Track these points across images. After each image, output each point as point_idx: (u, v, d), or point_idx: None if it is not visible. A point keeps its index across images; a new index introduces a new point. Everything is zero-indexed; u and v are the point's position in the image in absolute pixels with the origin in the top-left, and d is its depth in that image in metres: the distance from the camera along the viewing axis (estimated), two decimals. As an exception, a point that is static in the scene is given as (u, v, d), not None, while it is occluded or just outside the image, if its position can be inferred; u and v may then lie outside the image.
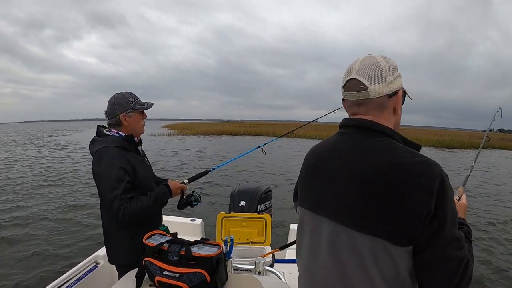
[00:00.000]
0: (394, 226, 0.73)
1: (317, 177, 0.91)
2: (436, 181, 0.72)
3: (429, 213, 0.71)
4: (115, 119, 1.65)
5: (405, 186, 0.73)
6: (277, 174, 10.58)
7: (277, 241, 2.61)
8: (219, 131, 33.73)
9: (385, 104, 0.86)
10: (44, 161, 13.44)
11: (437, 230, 0.72)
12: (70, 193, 7.80)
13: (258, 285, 1.25)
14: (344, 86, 0.89)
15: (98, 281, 2.17)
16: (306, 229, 0.94)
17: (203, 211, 6.17)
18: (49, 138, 29.92)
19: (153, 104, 1.72)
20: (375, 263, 0.76)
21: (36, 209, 6.42)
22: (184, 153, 16.66)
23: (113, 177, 1.51)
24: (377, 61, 0.85)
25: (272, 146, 18.12)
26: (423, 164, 0.75)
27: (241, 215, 2.47)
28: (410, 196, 0.72)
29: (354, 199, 0.79)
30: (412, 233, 0.72)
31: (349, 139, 0.87)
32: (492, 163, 15.71)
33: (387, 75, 0.84)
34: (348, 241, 0.79)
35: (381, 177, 0.75)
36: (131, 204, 1.51)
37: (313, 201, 0.92)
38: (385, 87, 0.84)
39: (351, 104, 0.89)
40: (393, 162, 0.76)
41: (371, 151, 0.81)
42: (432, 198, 0.71)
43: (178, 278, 1.16)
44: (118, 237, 1.65)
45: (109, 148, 1.57)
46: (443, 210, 0.72)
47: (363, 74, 0.84)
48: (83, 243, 4.72)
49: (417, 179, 0.72)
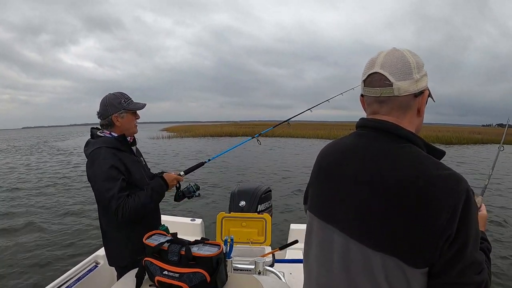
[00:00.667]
0: (412, 245, 0.67)
1: (330, 181, 0.83)
2: (461, 199, 0.65)
3: (451, 234, 0.65)
4: (107, 120, 1.64)
5: (428, 202, 0.66)
6: (277, 174, 10.57)
7: (277, 241, 2.61)
8: (218, 133, 33.75)
9: (410, 104, 0.77)
10: (43, 166, 13.45)
11: (457, 253, 0.66)
12: (70, 194, 7.79)
13: (258, 285, 1.25)
14: (365, 81, 0.79)
15: (98, 281, 2.17)
16: (315, 239, 0.87)
17: (203, 211, 6.17)
18: (49, 143, 29.95)
19: (145, 105, 1.70)
20: (388, 282, 0.70)
21: (36, 209, 6.43)
22: (184, 154, 16.65)
23: (107, 177, 1.50)
24: (404, 56, 0.76)
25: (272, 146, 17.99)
26: (450, 178, 0.67)
27: (241, 215, 2.47)
28: (433, 213, 0.65)
29: (370, 212, 0.71)
30: (430, 255, 0.66)
31: (367, 143, 0.78)
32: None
33: (414, 72, 0.75)
34: (361, 257, 0.73)
35: (404, 191, 0.68)
36: (129, 201, 1.50)
37: (324, 208, 0.84)
38: (412, 85, 0.74)
39: (371, 101, 0.80)
40: (418, 175, 0.68)
41: (394, 159, 0.72)
42: (455, 218, 0.65)
43: (178, 278, 1.16)
44: (116, 239, 1.65)
45: (101, 149, 1.56)
46: (466, 232, 0.66)
47: (388, 69, 0.75)
48: (83, 243, 4.72)
49: (442, 195, 0.66)
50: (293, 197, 7.48)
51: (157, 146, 21.04)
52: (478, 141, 26.31)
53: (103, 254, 2.30)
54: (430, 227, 0.65)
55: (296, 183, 9.09)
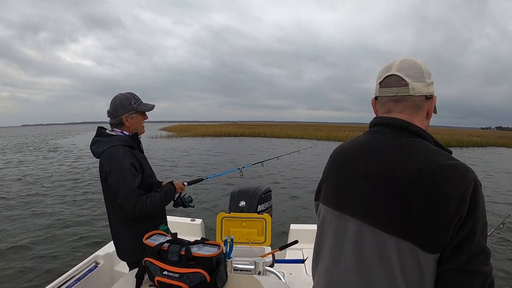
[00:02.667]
0: (424, 230, 0.70)
1: (346, 176, 0.88)
2: (470, 187, 0.70)
3: (460, 220, 0.69)
4: (117, 119, 1.70)
5: (439, 190, 0.70)
6: (277, 174, 10.58)
7: (277, 241, 2.61)
8: (217, 133, 33.77)
9: (422, 105, 0.85)
10: (44, 164, 13.43)
11: (465, 239, 0.69)
12: (70, 194, 7.79)
13: (258, 285, 1.25)
14: (381, 82, 0.87)
15: (98, 281, 2.17)
16: (329, 229, 0.90)
17: (203, 211, 6.17)
18: (49, 141, 29.86)
19: (154, 106, 1.78)
20: (401, 267, 0.72)
21: (36, 209, 6.42)
22: (185, 155, 16.65)
23: (129, 174, 1.57)
24: (417, 63, 0.85)
25: (272, 146, 17.92)
26: (459, 167, 0.72)
27: (241, 215, 2.47)
28: (443, 201, 0.70)
29: (386, 199, 0.76)
30: (441, 240, 0.70)
31: (382, 138, 0.84)
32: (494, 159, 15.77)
33: (426, 77, 0.84)
34: (374, 242, 0.76)
35: (417, 180, 0.73)
36: (146, 199, 1.60)
37: (339, 200, 0.88)
38: (424, 88, 0.83)
39: (387, 101, 0.87)
40: (429, 165, 0.73)
41: (407, 152, 0.78)
42: (465, 204, 0.69)
43: (178, 278, 1.15)
44: (128, 234, 1.69)
45: (119, 147, 1.62)
46: (473, 219, 0.69)
47: (405, 72, 0.83)
48: (83, 243, 4.72)
49: (452, 183, 0.70)
50: (293, 197, 7.49)
51: (159, 146, 21.04)
52: (477, 144, 26.42)
53: (103, 254, 2.31)
54: (440, 213, 0.69)
55: (296, 183, 9.10)
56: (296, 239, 1.93)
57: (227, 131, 35.18)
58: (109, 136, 1.70)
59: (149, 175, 1.73)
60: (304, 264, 2.15)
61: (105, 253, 2.31)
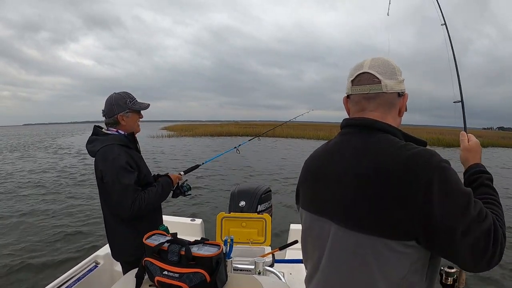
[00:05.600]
0: (399, 223, 0.70)
1: (321, 180, 0.88)
2: (436, 169, 0.70)
3: (430, 202, 0.68)
4: (113, 119, 1.69)
5: (407, 179, 0.70)
6: (277, 174, 10.57)
7: (277, 241, 2.61)
8: (218, 132, 33.72)
9: (395, 102, 0.86)
10: (44, 163, 13.44)
11: (443, 218, 0.68)
12: (69, 194, 7.79)
13: (258, 285, 1.25)
14: (353, 80, 0.87)
15: (98, 281, 2.17)
16: (310, 233, 0.91)
17: (203, 211, 6.17)
18: (53, 140, 29.89)
19: (149, 105, 1.78)
20: (379, 266, 0.73)
21: (35, 209, 6.42)
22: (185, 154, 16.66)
23: (124, 172, 1.56)
24: (388, 61, 0.87)
25: (271, 146, 17.89)
26: (422, 154, 0.72)
27: (241, 215, 2.47)
28: (411, 191, 0.69)
29: (355, 199, 0.77)
30: (414, 229, 0.69)
31: (351, 139, 0.85)
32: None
33: (398, 74, 0.86)
34: (350, 243, 0.77)
35: (382, 177, 0.73)
36: (144, 195, 1.59)
37: (316, 203, 0.89)
38: (397, 85, 0.84)
39: (359, 99, 0.87)
40: (392, 159, 0.74)
41: (374, 150, 0.79)
42: (432, 187, 0.68)
43: (178, 278, 1.16)
44: (122, 234, 1.69)
45: (114, 146, 1.61)
46: (448, 197, 0.68)
47: (377, 69, 0.84)
48: (83, 243, 4.72)
49: (417, 170, 0.70)
50: (293, 197, 7.43)
51: (157, 143, 21.05)
52: (480, 143, 26.30)
53: (103, 254, 2.31)
54: (410, 203, 0.69)
55: (296, 183, 9.07)
56: (296, 239, 1.93)
57: (228, 131, 35.14)
58: (105, 135, 1.70)
59: (145, 175, 1.73)
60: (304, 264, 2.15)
61: (105, 253, 2.31)
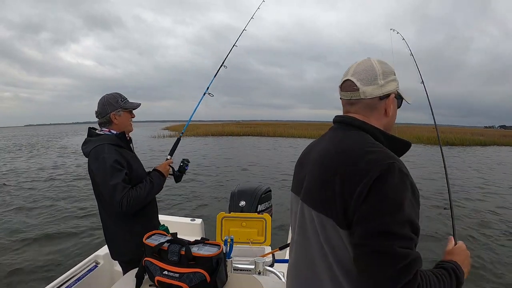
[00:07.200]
0: (339, 209, 0.77)
1: (302, 165, 1.01)
2: (378, 167, 0.74)
3: (362, 196, 0.73)
4: (106, 118, 1.72)
5: (353, 170, 0.77)
6: (277, 173, 10.57)
7: (277, 241, 2.61)
8: (220, 132, 33.71)
9: (376, 106, 0.92)
10: (44, 164, 13.49)
11: (365, 216, 0.72)
12: (69, 193, 7.81)
13: (258, 285, 1.26)
14: (341, 86, 0.96)
15: (98, 281, 2.18)
16: (291, 210, 1.04)
17: (203, 211, 6.18)
18: (53, 141, 29.98)
19: (140, 104, 1.82)
20: (329, 242, 0.81)
21: (35, 208, 6.45)
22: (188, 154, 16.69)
23: (112, 170, 1.57)
24: (372, 65, 0.92)
25: (272, 146, 17.89)
26: (375, 152, 0.78)
27: (241, 215, 2.47)
28: (353, 181, 0.75)
29: (315, 181, 0.87)
30: (350, 217, 0.75)
31: (334, 133, 0.95)
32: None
33: (379, 78, 0.90)
34: (309, 219, 0.87)
35: (332, 162, 0.83)
36: (132, 192, 1.58)
37: (296, 185, 1.00)
38: (376, 90, 0.90)
39: (344, 103, 0.97)
40: (352, 152, 0.81)
41: (338, 141, 0.88)
42: (368, 183, 0.73)
43: (178, 278, 1.16)
44: (119, 233, 1.69)
45: (104, 145, 1.63)
46: (378, 198, 0.72)
47: (357, 76, 0.91)
48: (83, 243, 4.73)
49: (363, 165, 0.76)
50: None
51: (157, 143, 21.08)
52: (480, 143, 26.28)
53: (103, 254, 2.31)
54: (350, 193, 0.75)
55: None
56: None
57: (229, 131, 35.12)
58: (97, 135, 1.73)
59: (138, 174, 1.72)
60: None
61: (105, 253, 2.32)
